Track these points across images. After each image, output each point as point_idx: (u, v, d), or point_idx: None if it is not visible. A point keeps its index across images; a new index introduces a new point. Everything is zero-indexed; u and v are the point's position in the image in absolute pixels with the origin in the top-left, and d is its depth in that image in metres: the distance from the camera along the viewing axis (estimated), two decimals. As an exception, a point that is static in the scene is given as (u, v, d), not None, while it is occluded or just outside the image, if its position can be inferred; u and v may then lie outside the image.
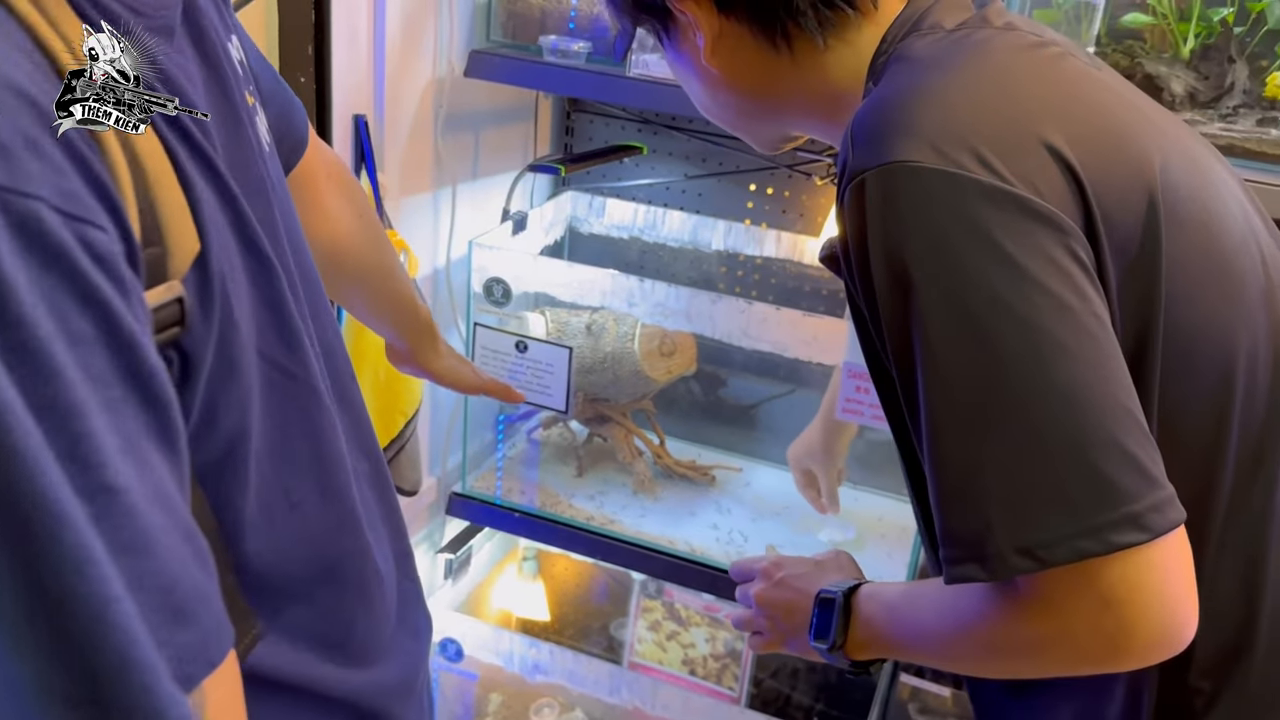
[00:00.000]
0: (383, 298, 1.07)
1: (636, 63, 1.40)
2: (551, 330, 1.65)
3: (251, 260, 0.57)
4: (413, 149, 1.47)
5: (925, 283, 0.63)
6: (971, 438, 0.63)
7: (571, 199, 1.83)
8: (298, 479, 0.61)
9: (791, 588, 0.94)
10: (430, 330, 1.13)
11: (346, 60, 1.29)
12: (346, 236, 0.97)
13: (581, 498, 1.71)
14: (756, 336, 1.45)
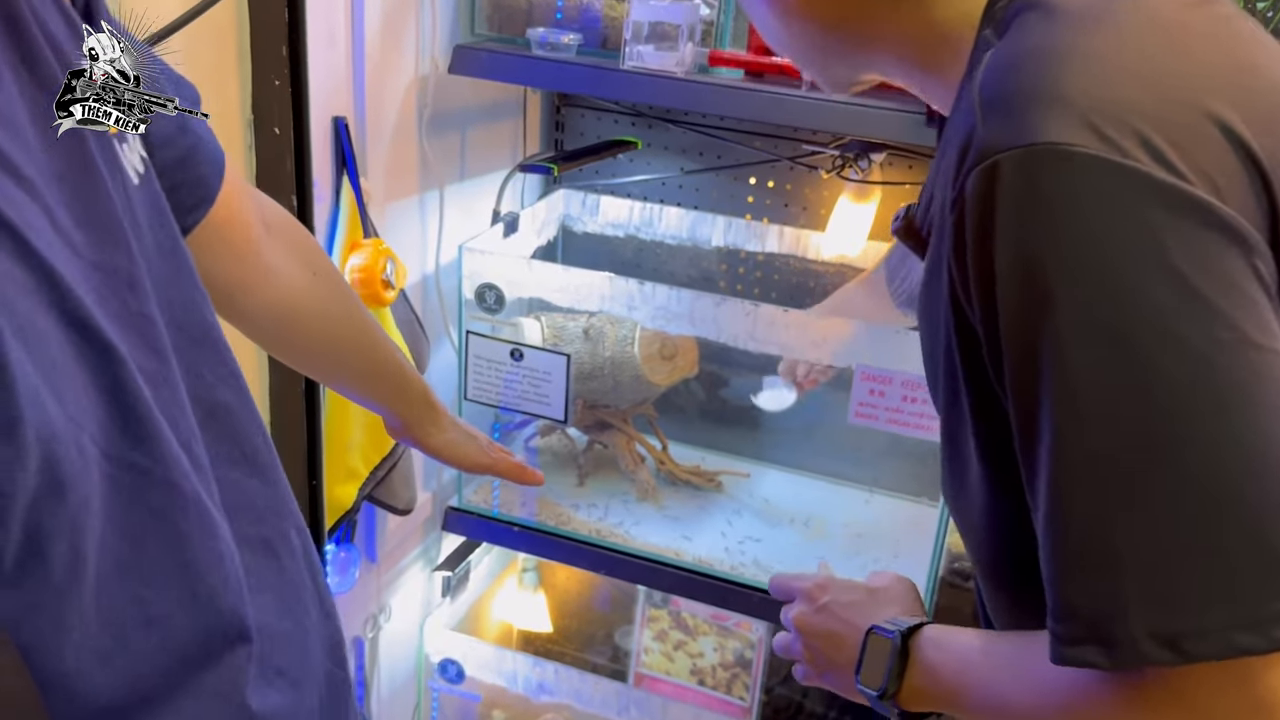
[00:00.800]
0: (359, 368, 0.94)
1: (630, 54, 1.33)
2: (548, 336, 1.58)
3: (77, 342, 0.46)
4: (397, 151, 1.40)
5: (1070, 301, 0.52)
6: (1111, 494, 0.52)
7: (564, 198, 1.76)
8: (155, 591, 0.51)
9: (837, 616, 0.82)
10: (425, 401, 1.00)
11: (324, 60, 1.21)
12: (299, 296, 0.85)
13: (583, 508, 1.64)
14: (763, 340, 1.38)
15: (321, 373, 1.02)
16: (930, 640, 0.72)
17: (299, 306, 0.86)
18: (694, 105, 1.30)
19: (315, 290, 0.87)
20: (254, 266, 0.81)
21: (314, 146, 1.23)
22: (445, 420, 1.03)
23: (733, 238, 1.70)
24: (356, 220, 1.28)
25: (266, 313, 0.84)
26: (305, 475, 1.27)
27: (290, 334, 0.88)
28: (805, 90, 1.27)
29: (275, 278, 0.83)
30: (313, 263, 0.87)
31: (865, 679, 0.75)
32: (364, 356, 0.94)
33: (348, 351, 0.93)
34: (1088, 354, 0.52)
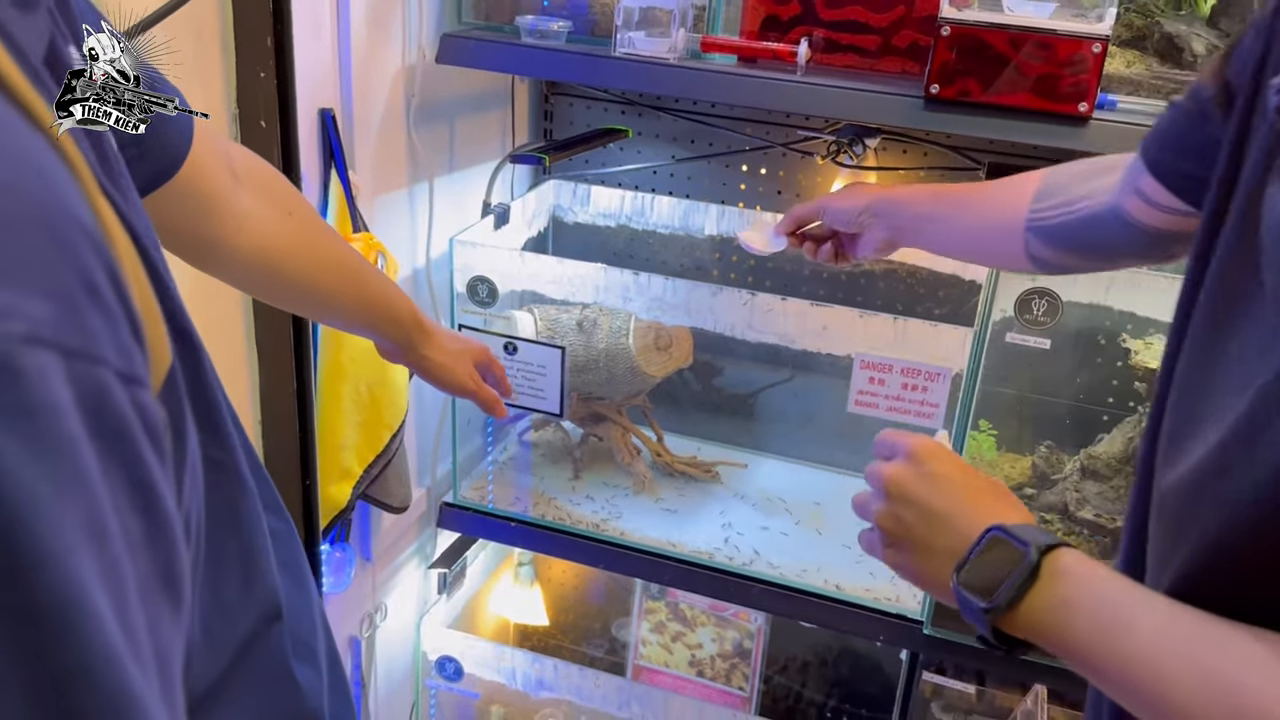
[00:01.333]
0: (345, 301, 0.96)
1: (622, 40, 1.30)
2: (541, 329, 1.56)
3: (175, 338, 0.45)
4: (385, 143, 1.37)
5: None
6: None
7: (554, 188, 1.74)
8: (227, 583, 0.52)
9: (945, 494, 0.66)
10: (415, 323, 1.03)
11: (310, 51, 1.18)
12: (275, 239, 0.85)
13: (580, 502, 1.63)
14: (761, 329, 1.36)
15: (308, 309, 1.03)
16: (1079, 575, 0.58)
17: (277, 248, 0.86)
18: (687, 92, 1.28)
19: (291, 230, 0.87)
20: (226, 217, 0.80)
21: (301, 140, 1.20)
22: (438, 340, 1.06)
23: (726, 226, 1.68)
24: (345, 214, 1.25)
25: (245, 259, 0.84)
26: (299, 475, 1.25)
27: (271, 276, 0.88)
28: (799, 75, 1.25)
29: (249, 223, 0.82)
30: (286, 203, 0.87)
31: (971, 580, 0.61)
32: (348, 289, 0.95)
33: (331, 286, 0.93)
34: None
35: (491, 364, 1.15)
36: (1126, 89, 1.24)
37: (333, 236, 0.94)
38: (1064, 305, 1.23)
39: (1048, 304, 1.23)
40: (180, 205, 0.74)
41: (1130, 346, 1.37)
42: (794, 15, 1.33)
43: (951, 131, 1.20)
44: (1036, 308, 1.24)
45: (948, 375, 1.30)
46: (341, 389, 1.28)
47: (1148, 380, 1.34)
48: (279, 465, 1.25)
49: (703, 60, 1.32)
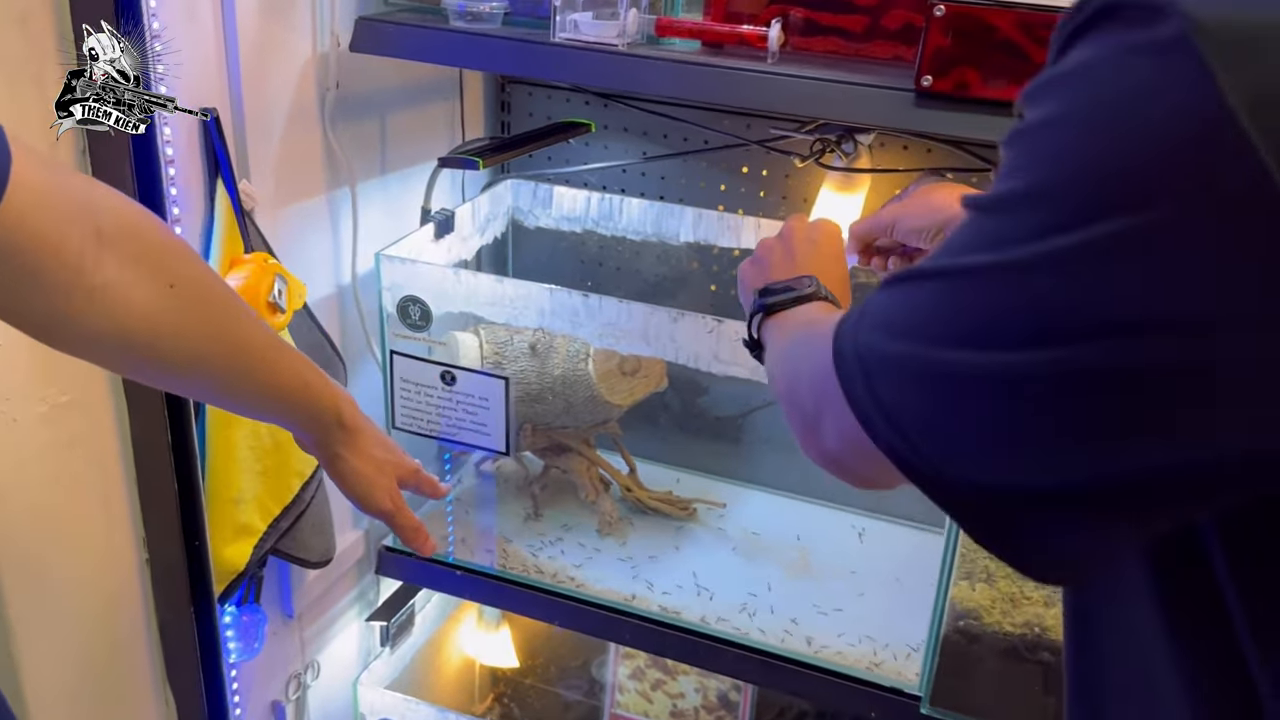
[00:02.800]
0: (246, 386, 0.76)
1: (562, 24, 1.10)
2: (488, 353, 1.37)
3: None
4: (293, 145, 1.18)
5: None
6: None
7: (512, 189, 1.54)
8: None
9: (805, 245, 0.86)
10: (336, 418, 0.83)
11: (182, 39, 1.00)
12: (145, 318, 0.66)
13: (537, 545, 1.44)
14: (728, 361, 1.17)
15: (196, 395, 0.91)
16: (809, 308, 0.77)
17: (147, 329, 0.66)
18: (638, 85, 1.08)
19: (171, 307, 0.67)
20: (74, 292, 0.61)
21: (179, 147, 1.02)
22: (362, 444, 0.86)
23: (704, 231, 1.47)
24: (234, 232, 1.07)
25: (103, 342, 0.65)
26: (180, 536, 1.08)
27: (141, 359, 0.69)
28: (770, 64, 1.05)
29: (109, 299, 0.63)
30: (168, 272, 0.67)
31: (768, 289, 0.81)
32: (249, 376, 0.76)
33: (225, 372, 0.74)
34: None
35: (421, 481, 0.95)
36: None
37: (230, 313, 0.73)
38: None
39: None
40: (3, 278, 0.57)
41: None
42: (767, -8, 1.13)
43: (947, 131, 0.99)
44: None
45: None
46: (235, 434, 1.10)
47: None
48: (156, 525, 1.08)
49: (659, 46, 1.12)
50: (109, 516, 1.05)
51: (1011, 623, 1.17)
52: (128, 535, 1.08)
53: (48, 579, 1.01)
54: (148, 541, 1.09)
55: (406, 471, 0.91)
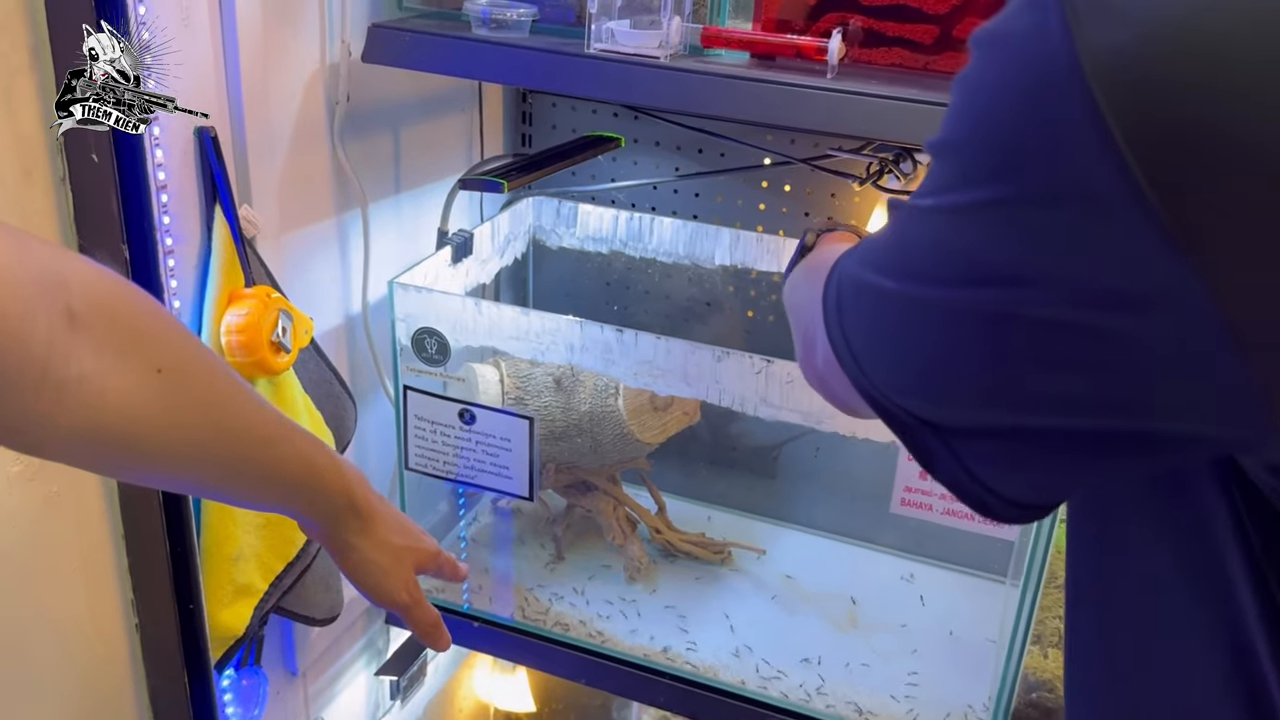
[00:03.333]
0: (243, 479, 0.65)
1: (598, 33, 1.00)
2: (509, 388, 1.26)
3: None
4: (298, 165, 1.08)
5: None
6: None
7: (534, 206, 1.43)
8: None
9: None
10: (348, 503, 0.72)
11: (175, 47, 0.89)
12: (126, 412, 0.54)
13: (561, 593, 1.33)
14: (778, 404, 1.06)
15: (188, 492, 0.84)
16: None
17: (133, 424, 0.54)
18: (682, 102, 0.98)
19: (159, 395, 0.55)
20: (43, 389, 0.49)
21: (172, 171, 0.91)
22: (377, 531, 0.75)
23: (742, 254, 1.37)
24: (234, 263, 0.96)
25: (77, 443, 0.53)
26: (173, 600, 0.97)
27: (125, 460, 0.57)
28: (830, 79, 0.94)
29: (85, 392, 0.51)
30: (155, 353, 0.55)
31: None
32: (249, 466, 0.64)
33: (221, 465, 0.63)
34: None
35: (442, 565, 0.84)
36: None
37: (226, 396, 0.62)
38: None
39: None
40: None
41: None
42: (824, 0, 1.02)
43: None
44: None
45: (1023, 474, 0.99)
46: (233, 488, 0.99)
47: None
48: (147, 590, 0.97)
49: (704, 58, 1.01)
50: (92, 579, 0.95)
51: (1090, 697, 1.07)
52: (115, 599, 0.97)
53: (26, 647, 0.91)
54: (137, 605, 0.98)
55: (426, 558, 0.80)
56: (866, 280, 0.48)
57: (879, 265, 0.47)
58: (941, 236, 0.42)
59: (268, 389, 1.00)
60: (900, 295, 0.45)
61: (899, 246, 0.47)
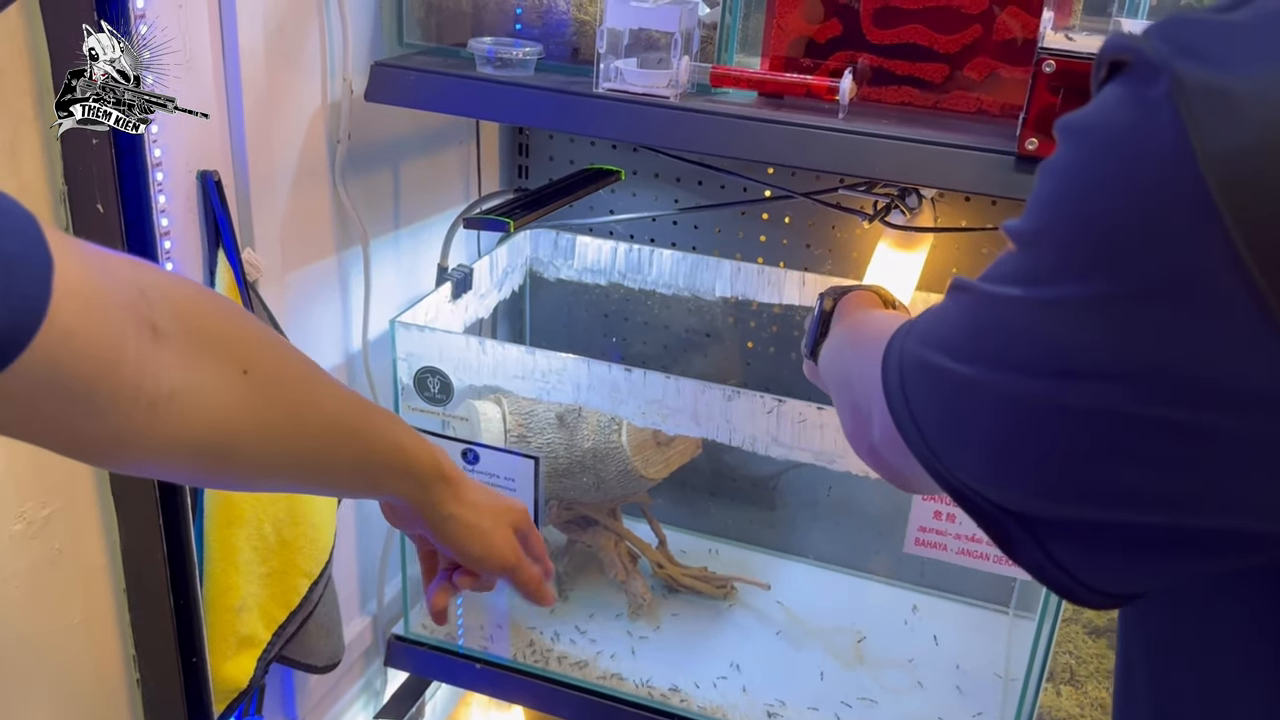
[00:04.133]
0: (336, 466, 0.63)
1: (606, 72, 0.98)
2: (512, 426, 1.25)
3: None
4: (300, 205, 1.06)
5: None
6: None
7: (532, 239, 1.42)
8: None
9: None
10: (437, 473, 0.70)
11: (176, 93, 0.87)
12: (220, 417, 0.52)
13: (562, 631, 1.32)
14: (790, 444, 1.05)
15: (277, 489, 0.85)
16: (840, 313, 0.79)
17: (226, 432, 0.53)
18: (693, 143, 0.96)
19: (248, 397, 0.53)
20: (135, 407, 0.48)
21: (175, 214, 0.89)
22: (468, 494, 0.72)
23: (742, 286, 1.36)
24: (238, 309, 0.94)
25: (171, 457, 0.52)
26: (176, 655, 0.95)
27: (219, 468, 0.56)
28: (843, 120, 0.93)
29: (177, 407, 0.50)
30: (240, 354, 0.54)
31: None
32: (341, 454, 0.62)
33: (315, 459, 0.61)
34: None
35: (530, 532, 0.80)
36: None
37: (312, 386, 0.60)
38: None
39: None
40: (35, 407, 0.44)
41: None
42: (833, 37, 1.01)
43: (1053, 200, 0.88)
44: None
45: (1038, 514, 0.98)
46: (236, 537, 0.97)
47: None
48: (149, 644, 0.95)
49: (713, 97, 1.00)
50: (94, 635, 0.92)
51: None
52: (116, 654, 0.95)
53: (28, 705, 0.88)
54: (139, 661, 0.96)
55: (520, 515, 0.76)
56: (937, 364, 0.47)
57: (951, 349, 0.46)
58: (1028, 326, 0.41)
59: (271, 435, 0.98)
60: (980, 383, 0.44)
61: (974, 331, 0.45)
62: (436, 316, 1.21)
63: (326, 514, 1.07)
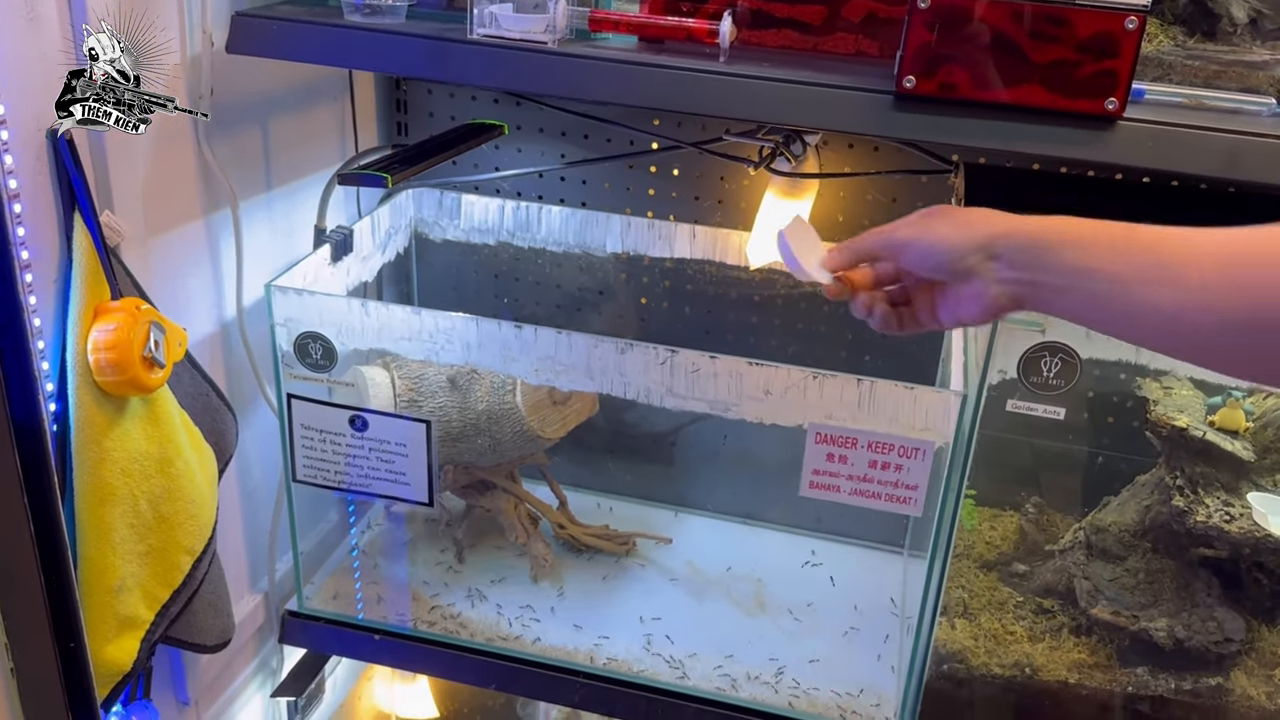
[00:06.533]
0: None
1: (480, 18, 0.95)
2: (402, 390, 1.21)
3: None
4: (162, 165, 1.00)
5: None
6: None
7: (415, 198, 1.38)
8: None
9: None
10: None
11: (20, 50, 0.81)
12: None
13: (464, 596, 1.29)
14: (685, 394, 1.04)
15: None
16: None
17: None
18: (573, 89, 0.94)
19: None
20: None
21: (24, 175, 0.84)
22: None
23: (633, 240, 1.35)
24: (99, 275, 0.89)
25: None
26: (51, 639, 0.90)
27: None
28: (725, 63, 0.92)
29: None
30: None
31: None
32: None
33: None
34: None
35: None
36: (1153, 73, 0.94)
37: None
38: (1082, 364, 0.94)
39: (1062, 363, 0.94)
40: None
41: (1148, 394, 1.08)
42: (712, -21, 1.00)
43: (933, 138, 0.88)
44: (1047, 368, 0.94)
45: (930, 451, 1.00)
46: (111, 515, 0.92)
47: (1173, 438, 1.06)
48: (22, 630, 0.90)
49: (592, 42, 0.98)
50: (-42, 626, 0.87)
51: (1000, 663, 1.09)
52: (-16, 645, 0.90)
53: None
54: (10, 649, 0.91)
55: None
56: None
57: None
58: None
59: (141, 408, 0.93)
60: None
61: None
62: (316, 280, 1.17)
63: (207, 489, 1.02)
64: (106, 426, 0.90)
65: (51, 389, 0.88)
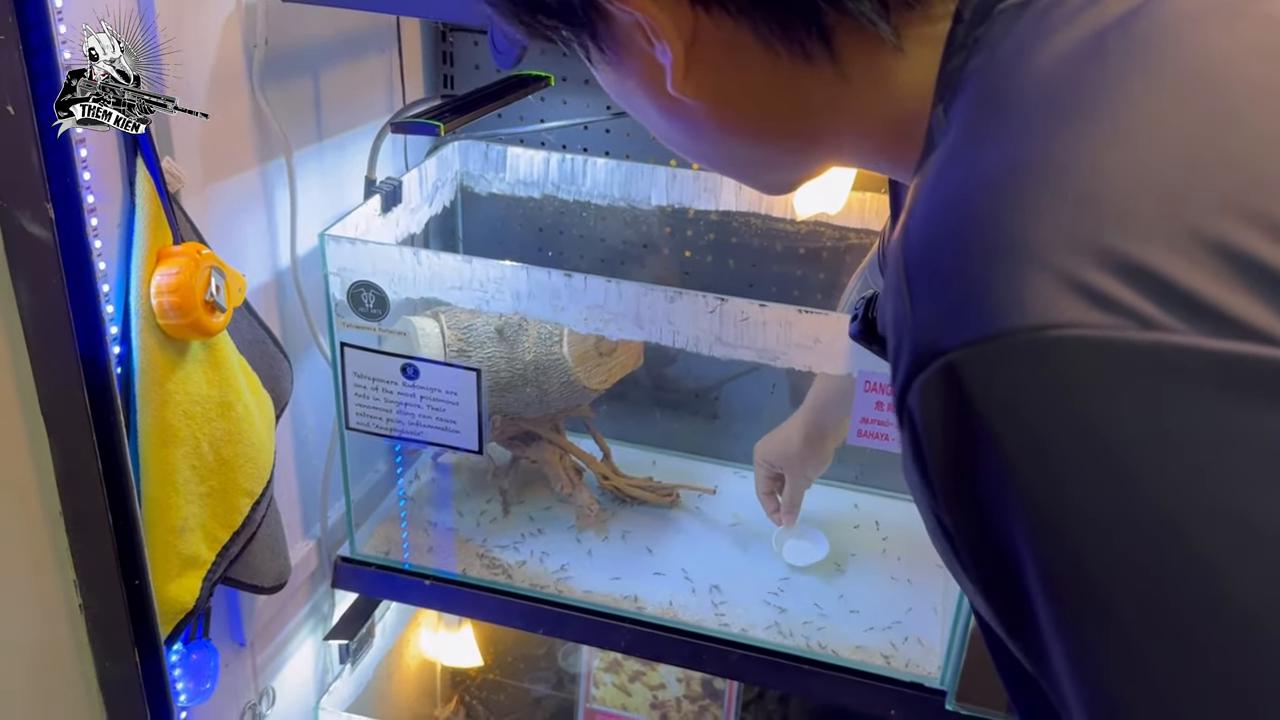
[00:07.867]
0: None
1: (534, -35, 0.95)
2: (451, 340, 1.23)
3: None
4: (219, 114, 1.02)
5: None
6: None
7: (460, 151, 1.39)
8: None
9: None
10: None
11: None
12: None
13: (510, 545, 1.31)
14: (734, 343, 1.05)
15: None
16: None
17: None
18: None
19: None
20: None
21: (86, 119, 0.85)
22: None
23: (678, 193, 1.35)
24: (161, 220, 0.91)
25: None
26: (119, 580, 0.92)
27: None
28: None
29: None
30: None
31: None
32: None
33: None
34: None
35: None
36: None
37: None
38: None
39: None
40: None
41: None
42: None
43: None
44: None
45: (979, 399, 1.00)
46: (174, 456, 0.94)
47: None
48: (90, 568, 0.92)
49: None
50: (32, 560, 0.89)
51: (1046, 611, 1.10)
52: (55, 580, 0.92)
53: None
54: (80, 586, 0.93)
55: None
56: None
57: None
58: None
59: (202, 352, 0.95)
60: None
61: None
62: (367, 230, 1.18)
63: (265, 433, 1.04)
64: (169, 369, 0.92)
65: (116, 332, 0.90)
